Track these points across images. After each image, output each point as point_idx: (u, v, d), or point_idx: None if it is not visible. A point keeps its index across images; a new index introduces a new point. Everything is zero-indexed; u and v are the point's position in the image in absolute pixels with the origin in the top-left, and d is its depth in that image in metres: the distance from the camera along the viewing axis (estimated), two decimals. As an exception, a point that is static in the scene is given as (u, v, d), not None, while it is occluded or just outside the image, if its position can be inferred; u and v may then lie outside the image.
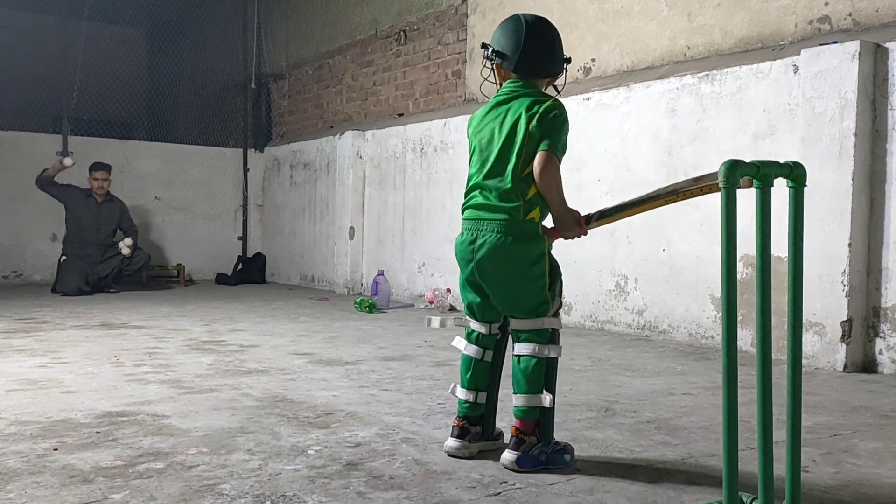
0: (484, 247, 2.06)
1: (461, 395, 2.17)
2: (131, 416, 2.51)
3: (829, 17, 3.87)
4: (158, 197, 8.51)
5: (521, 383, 2.06)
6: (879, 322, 3.53)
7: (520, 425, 2.05)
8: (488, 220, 2.06)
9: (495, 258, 2.05)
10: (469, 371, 2.17)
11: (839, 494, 1.86)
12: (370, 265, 7.08)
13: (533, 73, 2.13)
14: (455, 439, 2.12)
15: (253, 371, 3.35)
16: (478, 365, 2.17)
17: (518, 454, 2.01)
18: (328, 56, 8.05)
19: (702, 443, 2.30)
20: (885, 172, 3.51)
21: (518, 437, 2.03)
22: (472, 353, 2.17)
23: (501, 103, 2.13)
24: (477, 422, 2.15)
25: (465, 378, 2.17)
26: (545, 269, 2.08)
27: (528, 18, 2.12)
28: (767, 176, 1.53)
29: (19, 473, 1.92)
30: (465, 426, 2.13)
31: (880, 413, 2.72)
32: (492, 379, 2.19)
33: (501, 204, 2.05)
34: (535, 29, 2.11)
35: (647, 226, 4.56)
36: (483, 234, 2.07)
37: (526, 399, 2.04)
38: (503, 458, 2.03)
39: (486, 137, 2.12)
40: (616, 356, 3.88)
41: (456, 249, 2.16)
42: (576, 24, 5.22)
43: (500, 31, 2.15)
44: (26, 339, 4.20)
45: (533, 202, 2.05)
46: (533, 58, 2.10)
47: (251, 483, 1.87)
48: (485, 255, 2.06)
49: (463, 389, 2.17)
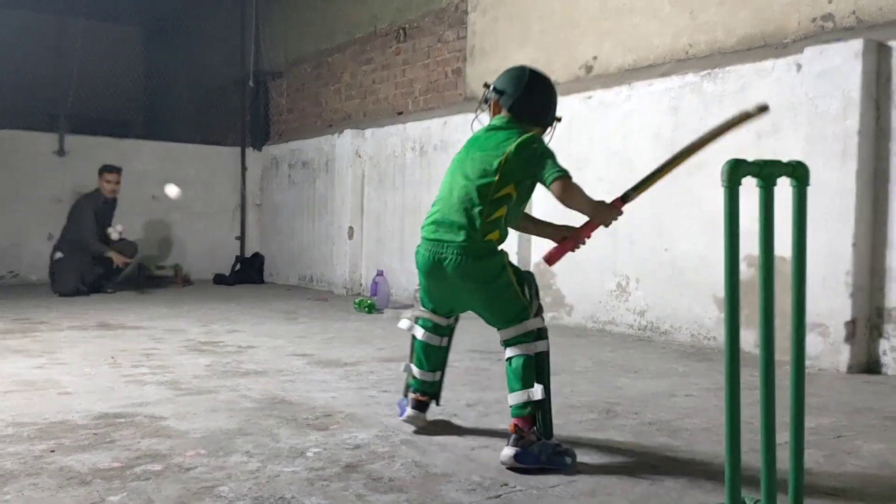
0: (449, 267, 2.18)
1: (421, 375, 2.38)
2: (129, 418, 2.49)
3: (832, 15, 3.85)
4: (155, 196, 8.49)
5: (513, 383, 2.15)
6: (883, 323, 3.51)
7: (518, 423, 2.09)
8: (447, 243, 2.18)
9: (462, 278, 2.18)
10: (430, 357, 2.37)
11: (843, 496, 1.85)
12: (369, 265, 7.06)
13: (524, 117, 2.26)
14: (416, 411, 2.36)
15: (251, 372, 3.34)
16: (437, 351, 2.39)
17: (517, 450, 2.02)
18: (327, 54, 8.03)
19: (704, 444, 2.29)
20: (889, 171, 3.50)
21: (517, 433, 2.06)
22: (431, 341, 2.37)
23: (489, 130, 2.28)
24: (432, 395, 2.41)
25: (426, 363, 2.38)
26: (509, 278, 2.18)
27: (533, 70, 2.31)
28: (771, 175, 1.52)
29: (16, 475, 1.90)
30: (426, 401, 2.38)
31: (884, 414, 2.71)
32: (446, 358, 2.43)
33: (463, 222, 2.16)
34: (537, 79, 2.30)
35: (650, 226, 4.55)
36: (444, 257, 2.18)
37: (518, 396, 2.12)
38: (503, 455, 2.03)
39: (463, 155, 2.26)
40: (618, 357, 3.87)
41: (418, 263, 2.28)
42: (578, 21, 5.20)
43: (505, 74, 2.33)
44: (23, 339, 4.18)
45: (495, 224, 2.17)
46: (528, 102, 2.27)
47: (250, 485, 1.85)
48: (453, 273, 2.18)
49: (423, 371, 2.38)
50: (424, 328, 2.37)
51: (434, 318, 2.36)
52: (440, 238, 2.19)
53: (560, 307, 5.11)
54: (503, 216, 2.17)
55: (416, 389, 2.40)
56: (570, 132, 5.07)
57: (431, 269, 2.22)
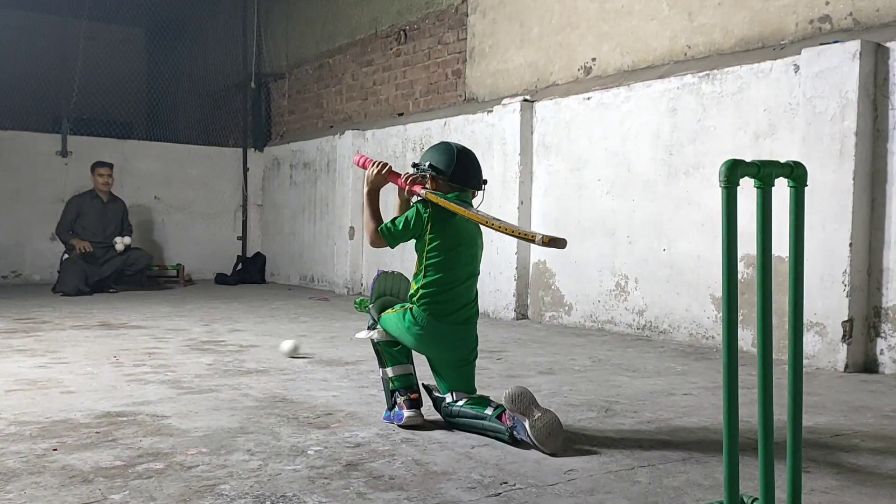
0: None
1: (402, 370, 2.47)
2: (131, 417, 2.51)
3: (829, 17, 3.86)
4: (158, 196, 8.51)
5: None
6: (880, 322, 3.53)
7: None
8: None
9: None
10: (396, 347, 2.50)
11: (840, 495, 1.86)
12: (370, 265, 7.07)
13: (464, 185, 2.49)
14: (413, 410, 2.40)
15: (252, 371, 3.35)
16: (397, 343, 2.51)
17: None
18: (328, 55, 8.04)
19: (702, 443, 2.30)
20: (886, 172, 3.51)
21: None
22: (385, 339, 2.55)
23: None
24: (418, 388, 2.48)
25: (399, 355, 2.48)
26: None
27: (458, 146, 2.54)
28: (768, 176, 1.52)
29: (19, 474, 1.91)
30: (419, 397, 2.44)
31: (881, 413, 2.72)
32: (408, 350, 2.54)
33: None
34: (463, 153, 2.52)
35: (648, 226, 4.56)
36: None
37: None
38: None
39: (468, 237, 2.48)
40: (616, 356, 3.88)
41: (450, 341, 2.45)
42: (576, 23, 5.21)
43: (432, 151, 2.55)
44: (26, 339, 4.20)
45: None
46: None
47: (251, 483, 1.86)
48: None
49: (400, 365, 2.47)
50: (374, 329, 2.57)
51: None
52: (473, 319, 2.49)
53: (559, 306, 5.12)
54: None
55: (404, 387, 2.44)
56: (570, 133, 5.09)
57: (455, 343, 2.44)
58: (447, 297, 2.42)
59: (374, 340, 2.53)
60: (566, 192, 5.09)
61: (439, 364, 2.46)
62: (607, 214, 4.81)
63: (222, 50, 9.30)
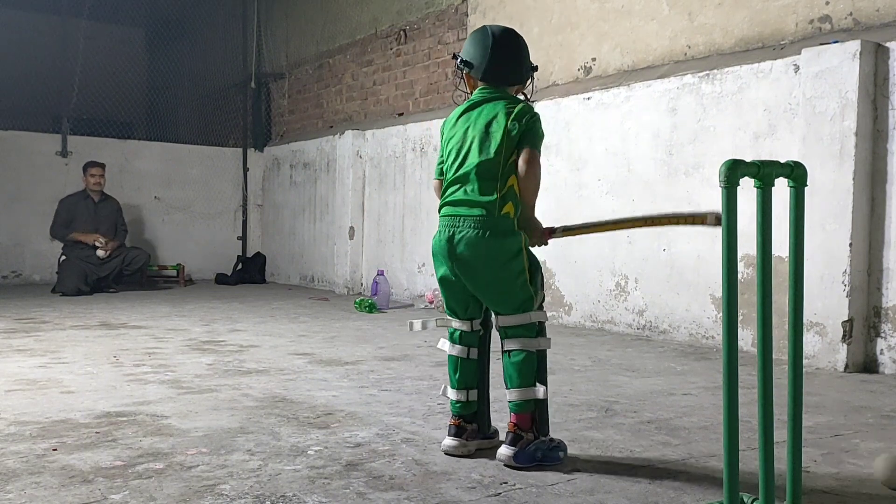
0: (462, 242, 2.09)
1: (453, 395, 2.20)
2: (131, 417, 2.51)
3: (829, 17, 3.86)
4: (158, 196, 8.51)
5: (513, 378, 2.08)
6: (880, 322, 3.53)
7: (516, 420, 2.06)
8: (465, 216, 2.10)
9: (474, 253, 2.08)
10: (457, 371, 2.19)
11: (840, 495, 1.86)
12: (370, 265, 7.08)
13: (499, 82, 2.20)
14: (453, 438, 2.14)
15: (252, 371, 3.35)
16: (464, 364, 2.19)
17: (515, 450, 2.02)
18: (328, 55, 8.05)
19: (702, 443, 2.30)
20: (886, 172, 3.51)
21: (515, 432, 2.04)
22: (457, 353, 2.20)
23: (472, 107, 2.20)
24: (472, 419, 2.18)
25: (455, 379, 2.19)
26: (524, 264, 2.11)
27: (494, 30, 2.20)
28: (768, 175, 1.53)
29: (19, 474, 1.91)
30: (462, 424, 2.16)
31: (881, 413, 2.72)
32: (480, 375, 2.22)
33: (479, 198, 2.09)
34: (501, 40, 2.19)
35: (648, 225, 4.56)
36: (461, 230, 2.10)
37: (520, 393, 2.07)
38: (500, 454, 2.04)
39: (461, 135, 2.18)
40: (616, 356, 3.88)
41: (434, 248, 2.18)
42: (576, 23, 5.22)
43: (469, 41, 2.22)
44: (26, 339, 4.20)
45: (507, 197, 2.09)
46: (499, 67, 2.18)
47: (251, 483, 1.87)
48: (464, 250, 2.09)
49: (454, 390, 2.20)
50: (451, 340, 2.22)
51: (457, 325, 2.20)
52: (458, 213, 2.11)
53: (559, 306, 5.12)
54: (514, 185, 2.09)
55: (453, 413, 2.19)
56: (570, 133, 5.09)
57: (446, 247, 2.11)
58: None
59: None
60: (566, 192, 5.09)
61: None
62: (607, 214, 4.80)
63: (222, 50, 9.30)
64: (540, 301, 2.16)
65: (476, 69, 2.18)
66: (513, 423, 2.06)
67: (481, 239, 2.06)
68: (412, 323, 2.34)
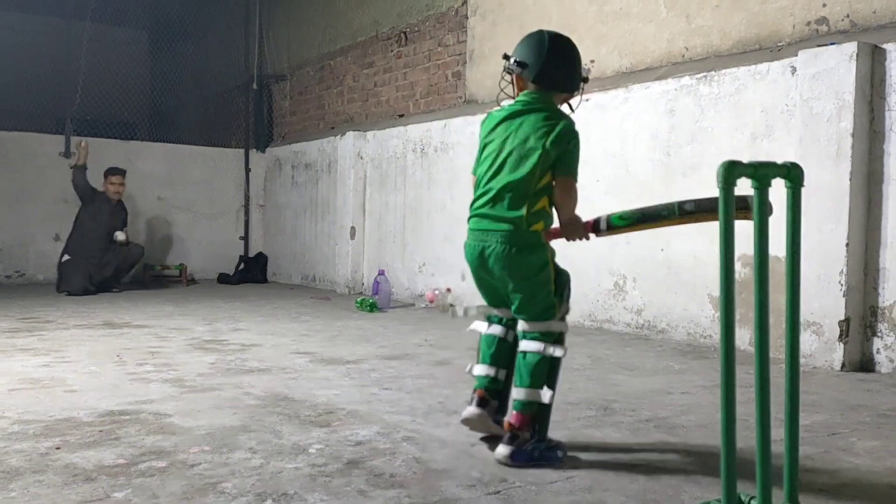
0: (492, 257, 2.14)
1: (482, 371, 2.23)
2: (134, 415, 2.53)
3: (826, 19, 3.88)
4: (161, 197, 8.53)
5: (523, 377, 2.11)
6: (877, 321, 3.54)
7: (515, 419, 2.09)
8: (493, 231, 2.15)
9: (503, 267, 2.13)
10: (492, 347, 2.24)
11: (837, 493, 1.88)
12: (371, 265, 7.10)
13: (551, 87, 2.19)
14: (476, 407, 2.17)
15: (254, 370, 3.37)
16: (501, 343, 2.25)
17: (512, 448, 2.04)
18: (329, 57, 8.07)
19: (700, 441, 2.32)
20: (883, 173, 3.53)
21: (513, 431, 2.07)
22: (497, 333, 2.25)
23: (517, 114, 2.18)
24: (496, 396, 2.22)
25: (489, 354, 2.24)
26: (550, 276, 2.17)
27: (552, 34, 2.20)
28: (765, 176, 1.54)
29: (22, 472, 1.93)
30: (486, 397, 2.19)
31: (878, 412, 2.74)
32: (511, 360, 2.24)
33: (508, 214, 2.12)
34: (558, 44, 2.18)
35: (647, 226, 4.57)
36: (490, 245, 2.14)
37: (527, 393, 2.09)
38: (497, 452, 2.07)
39: (498, 145, 2.18)
40: (615, 355, 3.90)
41: (466, 255, 2.24)
42: (575, 26, 5.23)
43: (524, 43, 2.22)
44: (29, 338, 4.22)
45: (540, 214, 2.12)
46: (553, 70, 2.17)
47: (253, 481, 1.88)
48: (494, 264, 2.15)
49: (484, 365, 2.24)
50: (490, 321, 2.29)
51: (498, 312, 2.26)
52: (486, 228, 2.14)
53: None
54: (546, 206, 2.13)
55: (479, 385, 2.23)
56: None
57: (478, 260, 2.17)
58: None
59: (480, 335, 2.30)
60: (566, 193, 5.11)
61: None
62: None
63: (225, 52, 9.33)
64: (563, 312, 2.20)
65: (529, 70, 2.16)
66: (510, 423, 2.09)
67: (508, 254, 2.11)
68: (453, 309, 2.36)
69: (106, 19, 8.59)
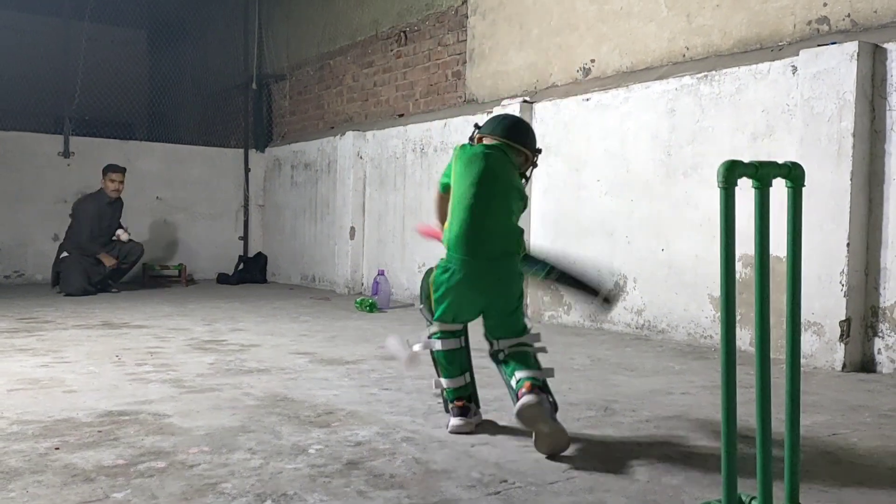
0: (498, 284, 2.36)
1: (452, 384, 2.40)
2: (133, 416, 2.52)
3: (827, 18, 3.88)
4: (160, 197, 8.53)
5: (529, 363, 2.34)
6: (878, 322, 3.54)
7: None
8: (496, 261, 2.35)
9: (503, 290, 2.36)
10: (453, 362, 2.41)
11: (838, 493, 1.87)
12: (371, 265, 7.09)
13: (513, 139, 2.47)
14: (460, 418, 2.35)
15: (254, 370, 3.37)
16: (459, 353, 2.43)
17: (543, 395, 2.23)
18: (329, 57, 8.06)
19: (701, 442, 2.31)
20: (884, 173, 3.52)
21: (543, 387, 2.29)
22: (451, 346, 2.41)
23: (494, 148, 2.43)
24: (470, 398, 2.42)
25: (452, 369, 2.41)
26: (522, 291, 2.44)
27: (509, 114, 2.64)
28: (766, 176, 1.53)
29: (21, 472, 1.93)
30: (466, 405, 2.38)
31: (879, 412, 2.73)
32: (469, 358, 2.47)
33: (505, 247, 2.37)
34: (515, 117, 2.59)
35: (647, 226, 4.58)
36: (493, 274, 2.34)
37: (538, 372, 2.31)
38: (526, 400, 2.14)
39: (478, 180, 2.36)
40: (615, 355, 3.90)
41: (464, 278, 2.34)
42: (575, 25, 5.23)
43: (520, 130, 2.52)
44: (28, 338, 4.21)
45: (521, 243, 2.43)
46: (513, 129, 2.50)
47: (252, 482, 1.88)
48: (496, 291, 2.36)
49: (453, 378, 2.41)
50: (441, 339, 2.41)
51: (450, 328, 2.41)
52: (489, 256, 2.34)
53: (559, 306, 5.14)
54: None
55: (456, 396, 2.40)
56: (569, 134, 5.11)
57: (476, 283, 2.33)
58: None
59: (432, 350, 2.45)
60: (565, 193, 5.11)
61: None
62: (606, 214, 4.82)
63: (224, 51, 9.33)
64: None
65: (492, 131, 2.47)
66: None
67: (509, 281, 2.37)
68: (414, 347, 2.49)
69: (105, 19, 8.60)
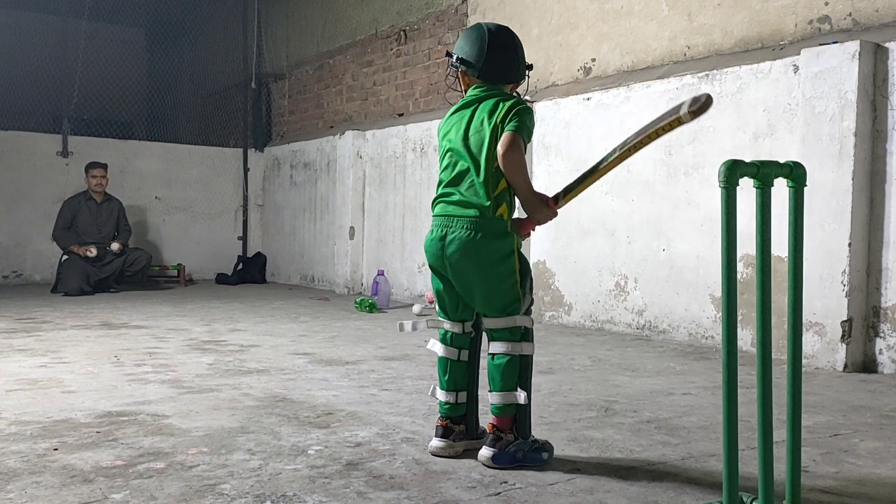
0: (454, 243, 2.08)
1: (441, 396, 2.19)
2: (131, 416, 2.51)
3: (829, 17, 3.87)
4: (159, 197, 8.52)
5: (495, 381, 2.08)
6: (879, 322, 3.53)
7: (496, 422, 2.07)
8: (458, 217, 2.09)
9: (465, 255, 2.07)
10: (447, 373, 2.18)
11: (839, 494, 1.86)
12: (370, 265, 7.08)
13: (496, 80, 2.18)
14: (440, 439, 2.14)
15: (253, 371, 3.36)
16: (454, 365, 2.18)
17: (494, 451, 2.03)
18: (328, 56, 8.05)
19: (702, 442, 2.31)
20: (885, 172, 3.52)
21: (495, 433, 2.05)
22: (447, 355, 2.18)
23: (467, 105, 2.19)
24: (460, 421, 2.17)
25: (444, 380, 2.19)
26: (515, 266, 2.11)
27: (490, 27, 2.19)
28: (767, 176, 1.53)
29: (20, 473, 1.92)
30: (449, 426, 2.16)
31: (880, 413, 2.73)
32: (469, 378, 2.21)
33: (471, 200, 2.07)
34: (497, 37, 2.17)
35: (648, 226, 4.57)
36: (452, 231, 2.09)
37: (501, 396, 2.07)
38: (480, 455, 2.05)
39: (453, 137, 2.16)
40: (616, 356, 3.89)
41: (426, 247, 2.18)
42: (576, 23, 5.22)
43: (464, 39, 2.21)
44: (27, 338, 4.20)
45: (501, 198, 2.08)
46: (496, 65, 2.16)
47: (251, 483, 1.87)
48: (455, 251, 2.08)
49: (442, 391, 2.19)
50: (442, 342, 2.20)
51: (448, 327, 2.19)
52: (451, 213, 2.10)
53: (559, 306, 5.13)
54: (506, 187, 2.08)
55: (441, 414, 2.18)
56: (569, 133, 5.10)
57: (438, 248, 2.11)
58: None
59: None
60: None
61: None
62: (607, 214, 4.81)
63: (223, 50, 9.31)
64: (528, 305, 2.16)
65: (473, 68, 2.17)
66: (492, 425, 2.07)
67: (472, 240, 2.05)
68: (402, 324, 2.30)
69: (103, 17, 8.58)
